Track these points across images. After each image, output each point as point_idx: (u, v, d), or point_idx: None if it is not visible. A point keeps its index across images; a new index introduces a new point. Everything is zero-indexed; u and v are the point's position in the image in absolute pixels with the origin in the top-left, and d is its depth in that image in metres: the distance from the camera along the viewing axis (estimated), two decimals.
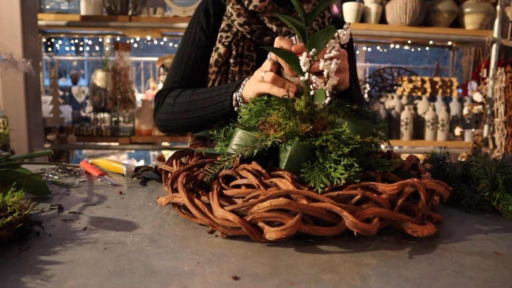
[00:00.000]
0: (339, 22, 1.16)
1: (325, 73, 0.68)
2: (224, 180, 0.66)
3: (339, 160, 0.60)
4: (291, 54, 0.70)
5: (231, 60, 1.06)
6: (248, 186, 0.61)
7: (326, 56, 0.69)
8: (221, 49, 1.06)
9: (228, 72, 1.06)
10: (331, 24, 1.09)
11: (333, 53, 0.68)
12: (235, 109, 0.94)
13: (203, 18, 1.11)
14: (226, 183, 0.64)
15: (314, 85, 0.69)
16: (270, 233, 0.54)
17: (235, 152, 0.66)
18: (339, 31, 0.68)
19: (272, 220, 0.55)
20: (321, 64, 0.68)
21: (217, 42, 1.08)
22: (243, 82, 0.92)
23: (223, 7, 1.11)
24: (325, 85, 0.69)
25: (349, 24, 0.69)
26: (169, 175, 0.73)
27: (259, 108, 0.73)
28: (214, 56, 1.07)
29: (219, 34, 1.08)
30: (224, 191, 0.62)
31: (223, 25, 1.08)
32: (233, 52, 1.05)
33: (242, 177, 0.63)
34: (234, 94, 0.94)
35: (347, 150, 0.60)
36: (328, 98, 0.69)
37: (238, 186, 0.62)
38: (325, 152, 0.62)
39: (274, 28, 1.02)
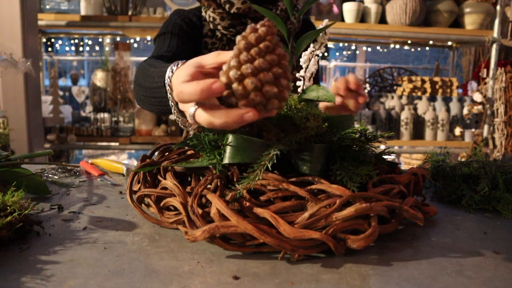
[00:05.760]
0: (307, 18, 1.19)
1: (304, 66, 0.69)
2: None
3: (359, 157, 0.59)
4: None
5: None
6: (285, 198, 0.55)
7: (318, 52, 0.70)
8: None
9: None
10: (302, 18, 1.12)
11: (323, 49, 0.70)
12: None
13: (183, 23, 1.07)
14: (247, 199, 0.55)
15: (300, 82, 0.70)
16: (358, 242, 0.51)
17: (255, 164, 0.55)
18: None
19: (351, 228, 0.52)
20: (302, 59, 0.69)
21: (202, 48, 1.09)
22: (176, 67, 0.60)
23: (195, 24, 1.10)
24: (309, 80, 0.69)
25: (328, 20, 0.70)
26: (178, 198, 0.58)
27: None
28: None
29: (203, 40, 1.09)
30: (267, 208, 0.53)
31: (205, 31, 1.09)
32: None
33: (275, 190, 0.55)
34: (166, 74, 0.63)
35: (369, 146, 0.61)
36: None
37: (269, 201, 0.55)
38: (345, 150, 0.59)
39: None
